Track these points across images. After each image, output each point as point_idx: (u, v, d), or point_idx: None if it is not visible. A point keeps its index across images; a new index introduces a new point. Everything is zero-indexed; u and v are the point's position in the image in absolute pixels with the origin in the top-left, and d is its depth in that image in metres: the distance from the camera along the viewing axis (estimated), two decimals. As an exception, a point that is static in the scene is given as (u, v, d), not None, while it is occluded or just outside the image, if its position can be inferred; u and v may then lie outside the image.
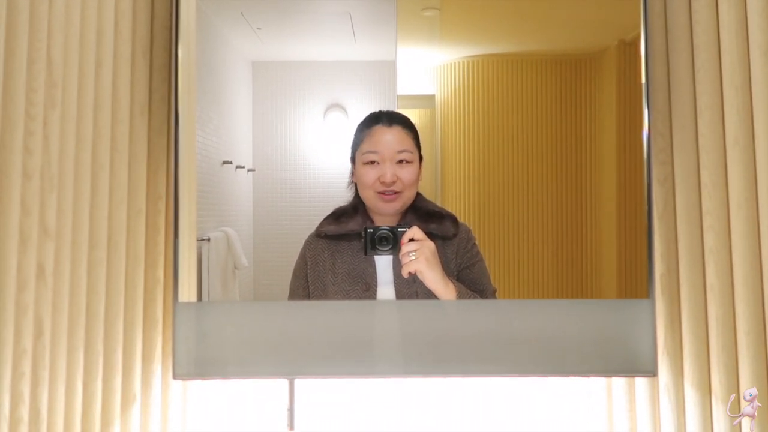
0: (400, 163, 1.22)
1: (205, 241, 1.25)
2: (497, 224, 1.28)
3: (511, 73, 1.29)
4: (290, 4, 1.29)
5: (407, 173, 1.22)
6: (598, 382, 1.29)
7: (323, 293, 1.23)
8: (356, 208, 1.25)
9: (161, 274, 1.24)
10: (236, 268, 1.28)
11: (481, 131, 1.28)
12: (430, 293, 1.21)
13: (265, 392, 1.30)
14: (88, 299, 1.15)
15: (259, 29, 1.29)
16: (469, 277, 1.24)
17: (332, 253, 1.24)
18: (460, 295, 1.21)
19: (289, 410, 1.29)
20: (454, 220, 1.25)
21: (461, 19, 1.30)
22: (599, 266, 1.27)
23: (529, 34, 1.30)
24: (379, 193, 1.22)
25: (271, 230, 1.27)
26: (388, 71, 1.26)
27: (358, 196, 1.25)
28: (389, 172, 1.21)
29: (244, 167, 1.28)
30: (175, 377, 1.22)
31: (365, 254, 1.22)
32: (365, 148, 1.23)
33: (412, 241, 1.19)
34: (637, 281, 1.24)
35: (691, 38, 1.22)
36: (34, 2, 1.10)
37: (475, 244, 1.25)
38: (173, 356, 1.22)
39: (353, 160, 1.25)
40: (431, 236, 1.21)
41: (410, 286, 1.23)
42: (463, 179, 1.28)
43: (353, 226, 1.24)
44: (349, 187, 1.26)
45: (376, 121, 1.24)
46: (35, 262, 1.09)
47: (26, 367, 1.07)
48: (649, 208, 1.23)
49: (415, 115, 1.26)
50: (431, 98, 1.29)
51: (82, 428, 1.14)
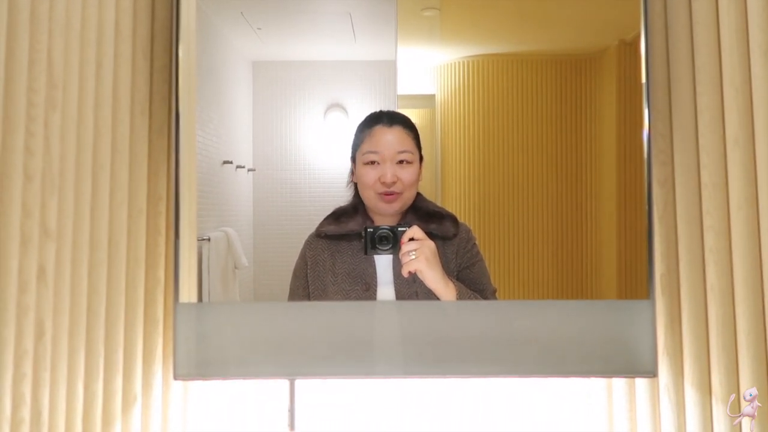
0: (400, 163, 1.22)
1: (205, 241, 1.25)
2: (497, 224, 1.28)
3: (511, 73, 1.29)
4: (290, 4, 1.29)
5: (407, 173, 1.22)
6: (598, 382, 1.29)
7: (323, 293, 1.23)
8: (356, 208, 1.25)
9: (162, 274, 1.24)
10: (236, 267, 1.28)
11: (481, 131, 1.28)
12: (430, 293, 1.21)
13: (265, 393, 1.31)
14: (88, 300, 1.15)
15: (259, 29, 1.29)
16: (469, 277, 1.24)
17: (332, 253, 1.24)
18: (460, 294, 1.21)
19: (289, 410, 1.29)
20: (454, 220, 1.25)
21: (461, 19, 1.30)
22: (599, 266, 1.27)
23: (529, 33, 1.30)
24: (379, 193, 1.22)
25: (271, 230, 1.27)
26: (388, 71, 1.26)
27: (358, 195, 1.25)
28: (389, 172, 1.21)
29: (244, 167, 1.28)
30: (175, 378, 1.22)
31: (365, 254, 1.21)
32: (366, 148, 1.23)
33: (412, 240, 1.19)
34: (637, 281, 1.24)
35: (691, 38, 1.22)
36: (34, 2, 1.10)
37: (475, 244, 1.25)
38: (174, 357, 1.22)
39: (353, 159, 1.25)
40: (431, 236, 1.21)
41: (410, 286, 1.23)
42: (463, 179, 1.28)
43: (353, 226, 1.24)
44: (348, 186, 1.26)
45: (376, 121, 1.24)
46: (36, 263, 1.09)
47: (27, 368, 1.07)
48: (649, 208, 1.23)
49: (415, 115, 1.26)
50: (431, 98, 1.29)
51: (83, 429, 1.14)
